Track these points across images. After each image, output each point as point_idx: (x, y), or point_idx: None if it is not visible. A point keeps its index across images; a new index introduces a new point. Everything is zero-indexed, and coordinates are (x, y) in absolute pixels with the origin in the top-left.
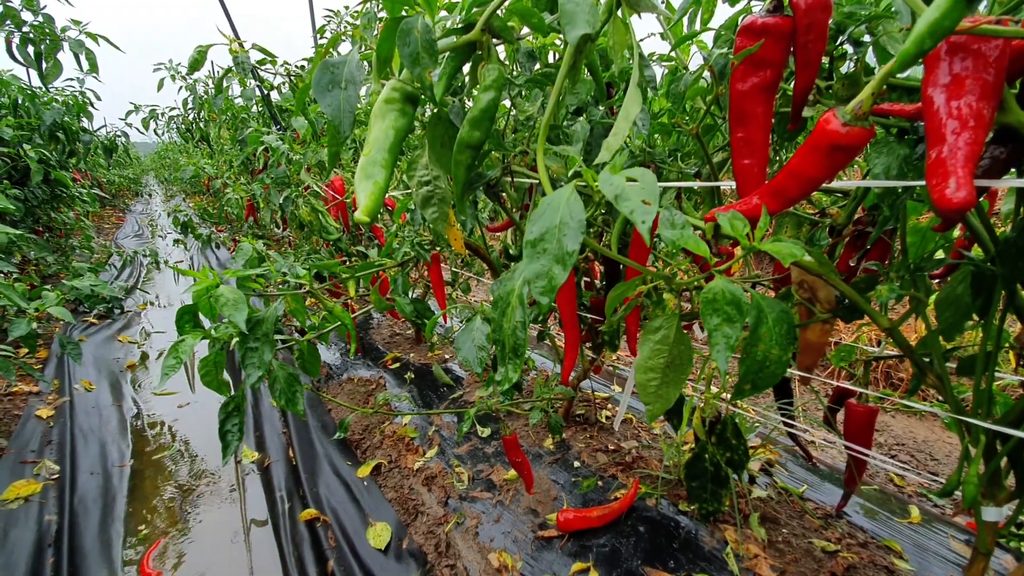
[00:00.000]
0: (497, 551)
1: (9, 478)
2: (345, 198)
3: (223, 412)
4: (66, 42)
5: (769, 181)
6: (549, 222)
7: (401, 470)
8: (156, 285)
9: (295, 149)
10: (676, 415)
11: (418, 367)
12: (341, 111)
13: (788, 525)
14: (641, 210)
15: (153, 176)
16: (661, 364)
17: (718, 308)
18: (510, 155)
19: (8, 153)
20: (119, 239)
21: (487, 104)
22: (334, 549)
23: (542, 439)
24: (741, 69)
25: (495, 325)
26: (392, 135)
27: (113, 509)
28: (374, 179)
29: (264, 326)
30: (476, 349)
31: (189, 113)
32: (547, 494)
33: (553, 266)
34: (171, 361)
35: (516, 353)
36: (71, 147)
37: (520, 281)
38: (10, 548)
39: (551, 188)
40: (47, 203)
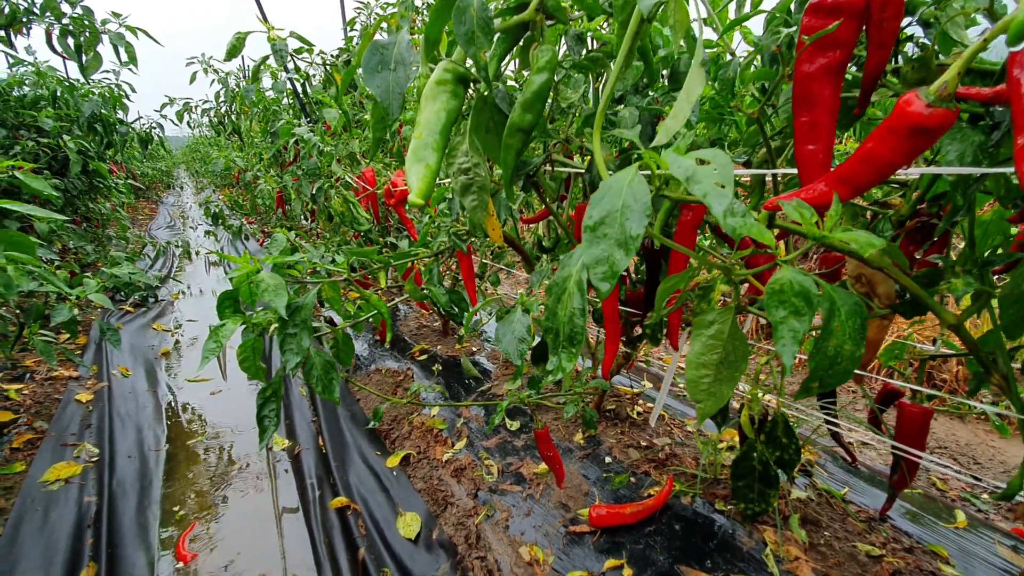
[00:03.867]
0: (528, 545)
1: (50, 460)
2: (376, 189)
3: (261, 398)
4: (106, 35)
5: (836, 168)
6: (610, 205)
7: (430, 461)
8: (187, 275)
9: (326, 141)
10: (720, 412)
11: (445, 359)
12: (390, 93)
13: (830, 528)
14: (715, 193)
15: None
16: (714, 360)
17: (785, 300)
18: (551, 143)
19: (48, 144)
20: (152, 230)
21: (540, 86)
22: (364, 537)
23: (572, 433)
24: (809, 50)
25: (548, 312)
26: (443, 117)
27: (150, 492)
28: (426, 162)
29: (303, 312)
30: (516, 341)
31: (221, 106)
32: (578, 489)
33: (614, 251)
34: (211, 345)
35: (572, 342)
36: (108, 139)
37: (578, 267)
38: (51, 528)
39: (607, 172)
40: (85, 194)
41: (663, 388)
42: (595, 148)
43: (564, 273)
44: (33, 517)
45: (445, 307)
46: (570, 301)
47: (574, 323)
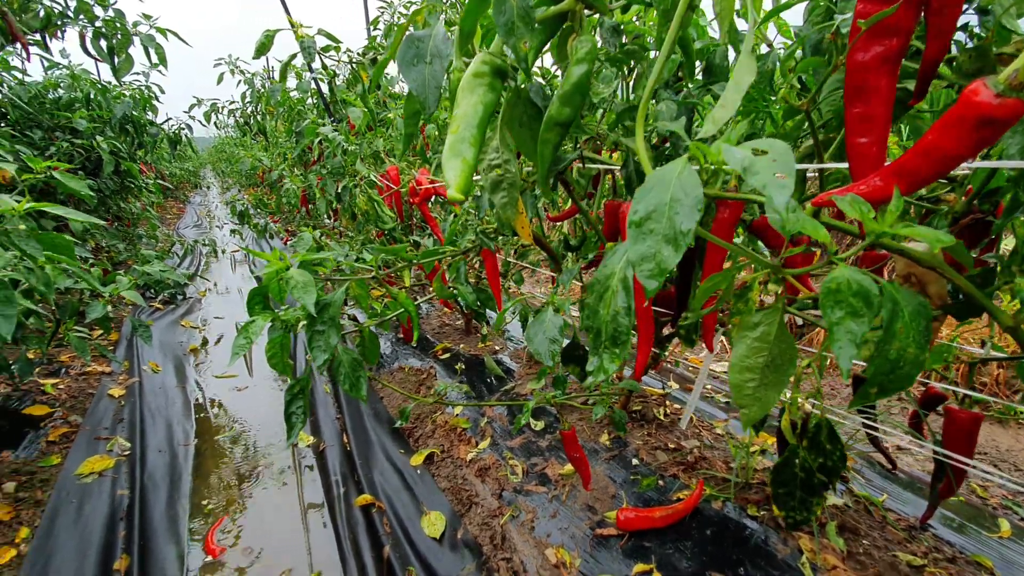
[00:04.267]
0: (554, 547)
1: (85, 453)
2: (400, 187)
3: (289, 394)
4: (137, 37)
5: (893, 161)
6: (657, 199)
7: (454, 460)
8: (214, 273)
9: (350, 140)
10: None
11: (468, 358)
12: (426, 86)
13: (868, 536)
14: (774, 185)
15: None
16: (760, 364)
17: (842, 300)
18: (582, 139)
19: (82, 144)
20: (180, 229)
21: (579, 78)
22: (389, 535)
23: (597, 434)
24: (864, 38)
25: (588, 311)
26: (481, 111)
27: (179, 486)
28: (463, 156)
29: (331, 309)
30: (548, 341)
31: (247, 106)
32: (604, 491)
33: (662, 247)
34: (241, 341)
35: (616, 342)
36: (139, 139)
37: (622, 264)
38: (85, 520)
39: (650, 166)
40: (117, 193)
41: (695, 390)
42: (638, 141)
43: (606, 271)
44: (68, 509)
45: (472, 305)
46: (613, 300)
47: (618, 323)
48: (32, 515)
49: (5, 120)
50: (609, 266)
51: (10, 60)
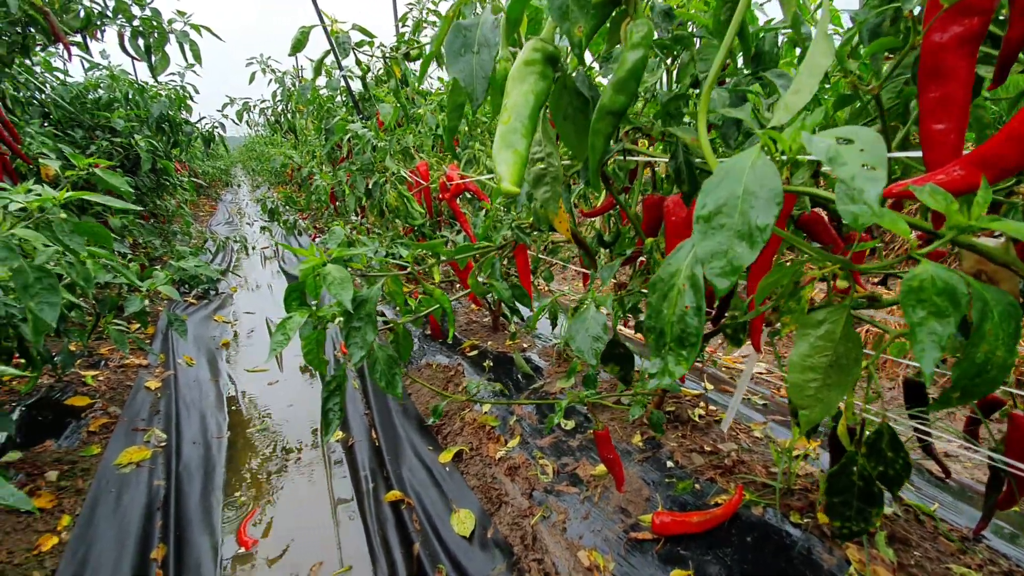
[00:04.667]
0: (587, 549)
1: (123, 443)
2: (431, 183)
3: (326, 390)
4: (172, 34)
5: (974, 149)
6: (728, 192)
7: (483, 458)
8: (244, 269)
9: (380, 136)
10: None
11: (496, 355)
12: (474, 77)
13: (920, 547)
14: (863, 176)
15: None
16: (823, 363)
17: (925, 299)
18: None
19: (121, 143)
20: (212, 226)
21: (635, 64)
22: (419, 532)
23: (630, 435)
24: (942, 18)
25: (651, 311)
26: (532, 100)
27: (213, 477)
28: (514, 148)
29: (367, 306)
30: (591, 339)
31: (278, 105)
32: (638, 494)
33: (734, 243)
34: (279, 337)
35: (682, 344)
36: (175, 138)
37: (688, 261)
38: (124, 509)
39: (713, 157)
40: (153, 191)
41: (737, 393)
42: (700, 131)
43: (671, 268)
44: (108, 499)
45: (508, 302)
46: (680, 299)
47: (686, 323)
48: (73, 503)
49: (48, 120)
50: (674, 263)
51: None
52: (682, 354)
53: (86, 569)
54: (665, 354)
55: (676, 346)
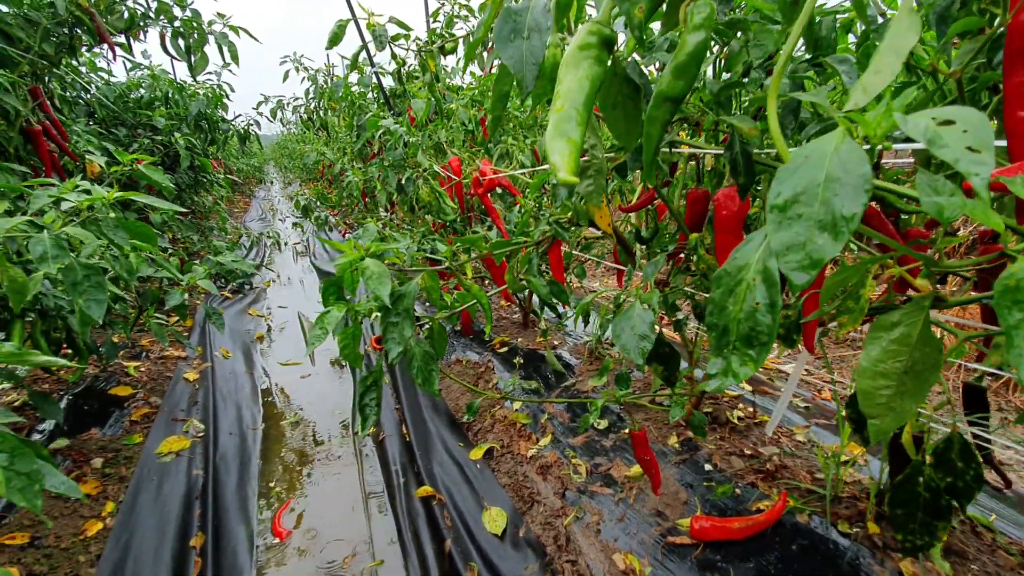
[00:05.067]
0: (622, 552)
1: (164, 433)
2: (463, 179)
3: (362, 386)
4: (211, 35)
5: None
6: (807, 179)
7: (514, 456)
8: (277, 264)
9: (411, 132)
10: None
11: (526, 352)
12: (524, 63)
13: (977, 560)
14: (968, 160)
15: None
16: (897, 369)
17: (1022, 300)
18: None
19: (161, 141)
20: (246, 222)
21: (696, 47)
22: (450, 529)
23: (666, 436)
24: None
25: (713, 307)
26: (587, 86)
27: (248, 468)
28: (568, 136)
29: (405, 301)
30: (637, 338)
31: (310, 102)
32: (675, 497)
33: (814, 234)
34: (317, 331)
35: (750, 343)
36: (212, 135)
37: (760, 253)
38: (164, 498)
39: (784, 144)
40: (191, 187)
41: (784, 396)
42: (771, 117)
43: (739, 262)
44: (149, 487)
45: (546, 298)
46: (749, 294)
47: (756, 321)
48: (117, 490)
49: (93, 118)
50: (743, 256)
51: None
52: (749, 354)
53: (129, 555)
54: (728, 353)
55: (742, 345)
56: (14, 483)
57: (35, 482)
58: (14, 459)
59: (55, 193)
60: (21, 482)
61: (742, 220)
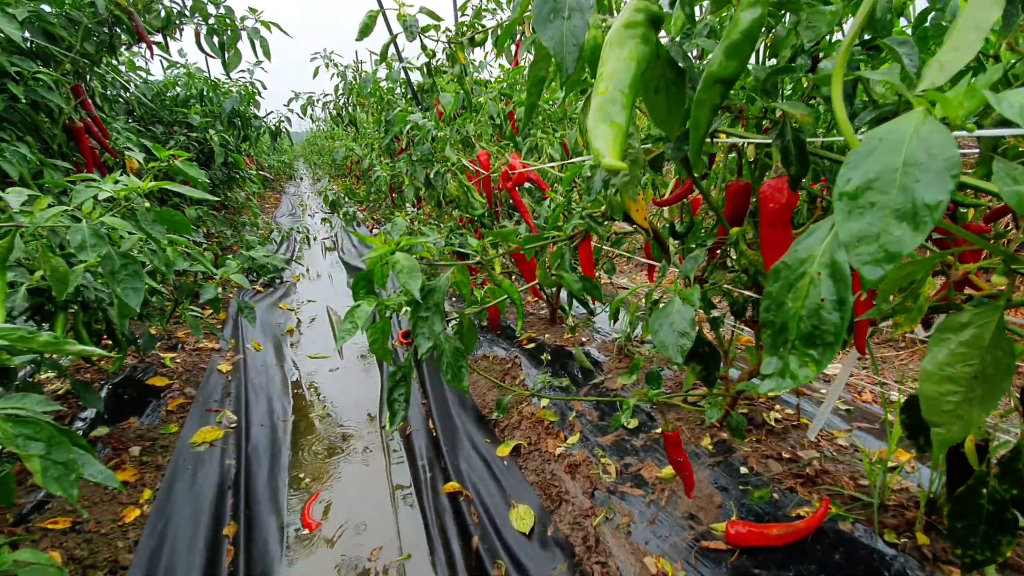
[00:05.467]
0: (654, 556)
1: (198, 423)
2: (492, 172)
3: (391, 381)
4: (244, 31)
5: None
6: (882, 163)
7: (541, 454)
8: (306, 259)
9: (439, 126)
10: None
11: (553, 348)
12: (564, 44)
13: None
14: None
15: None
16: (966, 374)
17: None
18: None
19: (196, 138)
20: (277, 217)
21: (750, 25)
22: (477, 526)
23: (698, 437)
24: None
25: (769, 302)
26: (633, 68)
27: (279, 459)
28: (613, 120)
29: (435, 295)
30: (676, 335)
31: (340, 98)
32: (709, 500)
33: (890, 224)
34: (347, 325)
35: (811, 342)
36: (245, 132)
37: (826, 245)
38: (199, 486)
39: (851, 128)
40: (224, 183)
41: (830, 397)
42: (836, 100)
43: (800, 254)
44: (184, 475)
45: (579, 294)
46: (812, 290)
47: (821, 319)
48: (153, 478)
49: (132, 116)
50: (805, 249)
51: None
52: (810, 355)
53: (165, 542)
54: (786, 353)
55: (803, 345)
56: (51, 472)
57: (72, 471)
58: (51, 448)
59: (95, 186)
60: (58, 471)
61: (790, 213)
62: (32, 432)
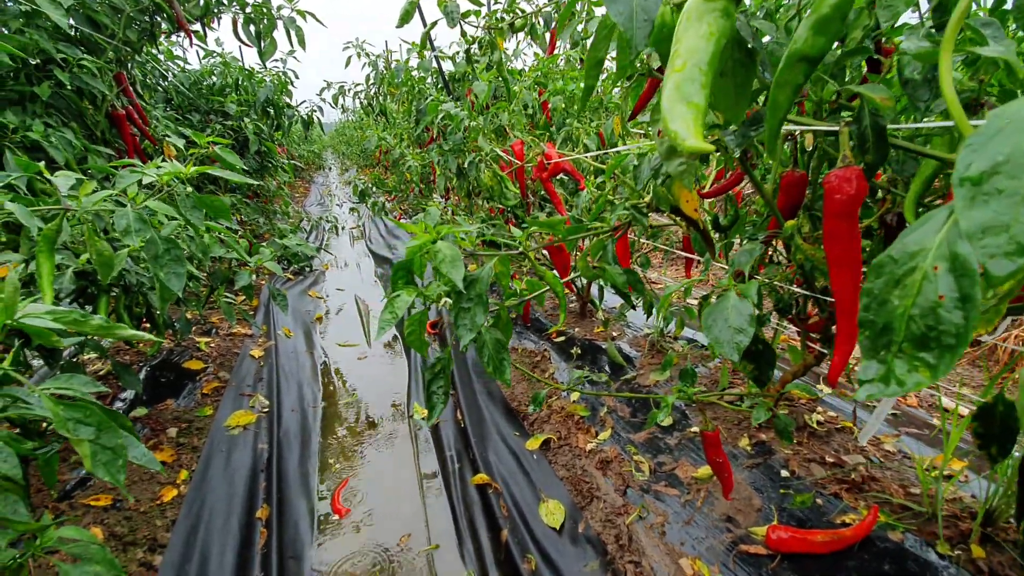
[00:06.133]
0: (689, 557)
1: (232, 407)
2: (526, 162)
3: (430, 373)
4: (280, 20)
5: None
6: (1012, 145)
7: (572, 449)
8: (334, 248)
9: (472, 115)
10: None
11: (583, 342)
12: (634, 19)
13: None
14: None
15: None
16: None
17: None
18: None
19: (232, 126)
20: (306, 206)
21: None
22: (507, 519)
23: (736, 437)
24: None
25: (870, 300)
26: (712, 46)
27: (309, 444)
28: (691, 100)
29: (478, 286)
30: (732, 331)
31: (371, 88)
32: (747, 503)
33: (1021, 213)
34: (387, 316)
35: (925, 344)
36: (278, 121)
37: (943, 235)
38: (233, 469)
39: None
40: (257, 172)
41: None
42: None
43: (910, 247)
44: (219, 458)
45: (622, 287)
46: (926, 285)
47: (938, 318)
48: (190, 459)
49: (170, 104)
50: (916, 240)
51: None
52: (922, 359)
53: (200, 522)
54: (890, 357)
55: (912, 348)
56: (99, 457)
57: (119, 456)
58: (100, 433)
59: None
60: (106, 456)
61: (859, 205)
62: (82, 416)
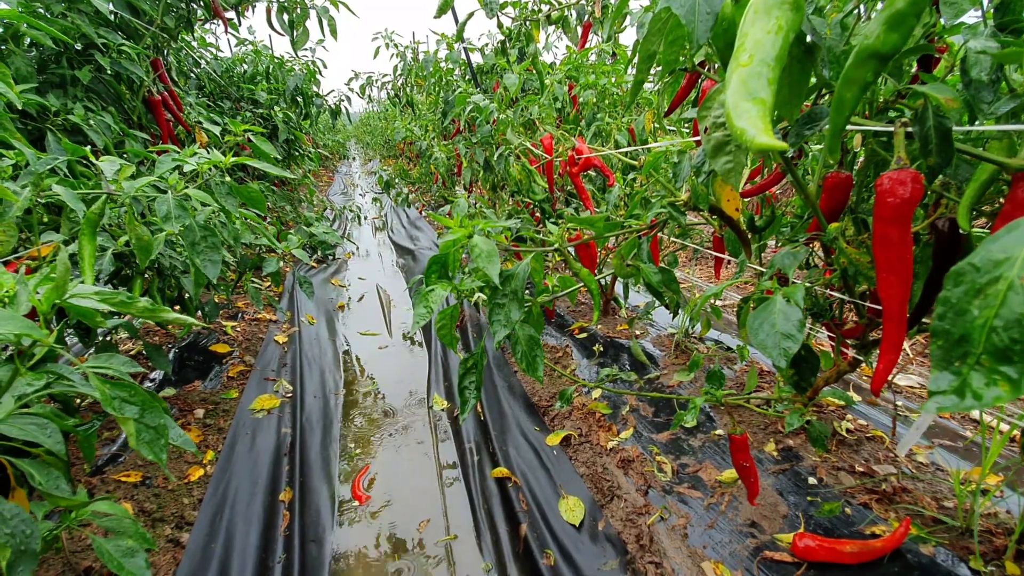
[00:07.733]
0: (712, 561)
1: (256, 391)
2: (555, 157)
3: (462, 368)
4: (313, 9)
5: None
6: None
7: (592, 446)
8: (356, 237)
9: (501, 108)
10: None
11: (605, 340)
12: (696, 11)
13: None
14: None
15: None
16: None
17: None
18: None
19: (262, 114)
20: (330, 196)
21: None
22: (526, 513)
23: (762, 442)
24: None
25: (946, 309)
26: (780, 41)
27: (331, 430)
28: (757, 96)
29: (514, 282)
30: (779, 336)
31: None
32: (773, 509)
33: None
34: (422, 310)
35: (1006, 358)
36: (306, 110)
37: None
38: (257, 451)
39: None
40: (284, 160)
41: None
42: None
43: (995, 255)
44: (244, 440)
45: (657, 286)
46: (1012, 296)
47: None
48: (216, 440)
49: (202, 91)
50: (1003, 248)
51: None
52: (1002, 372)
53: (226, 503)
54: (966, 369)
55: (992, 360)
56: (143, 436)
57: (162, 436)
58: (144, 413)
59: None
60: (150, 435)
61: (913, 209)
62: (128, 395)
